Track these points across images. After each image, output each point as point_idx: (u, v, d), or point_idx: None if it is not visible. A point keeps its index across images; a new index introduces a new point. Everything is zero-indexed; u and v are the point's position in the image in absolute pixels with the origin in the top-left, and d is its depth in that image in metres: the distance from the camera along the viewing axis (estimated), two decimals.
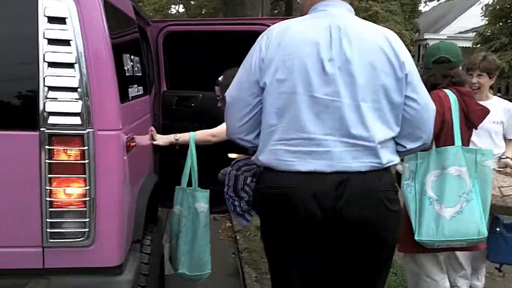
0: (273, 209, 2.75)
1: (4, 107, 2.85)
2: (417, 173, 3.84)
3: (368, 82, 2.65)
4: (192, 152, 4.16)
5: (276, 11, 27.86)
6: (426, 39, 39.50)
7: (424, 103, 2.80)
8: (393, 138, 2.78)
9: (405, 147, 2.85)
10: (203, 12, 36.22)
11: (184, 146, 4.31)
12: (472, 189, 3.77)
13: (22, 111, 2.85)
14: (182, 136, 4.22)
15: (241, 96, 2.80)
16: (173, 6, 39.49)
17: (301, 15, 2.99)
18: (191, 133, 4.19)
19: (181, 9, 39.47)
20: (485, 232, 3.75)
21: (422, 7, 46.43)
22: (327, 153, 2.64)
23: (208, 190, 4.19)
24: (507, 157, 4.62)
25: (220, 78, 4.42)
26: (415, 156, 3.77)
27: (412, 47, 39.46)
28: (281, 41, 2.69)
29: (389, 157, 2.75)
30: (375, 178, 2.69)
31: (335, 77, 2.63)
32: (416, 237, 3.75)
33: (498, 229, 4.40)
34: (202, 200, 4.18)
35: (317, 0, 2.86)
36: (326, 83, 2.63)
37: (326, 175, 2.64)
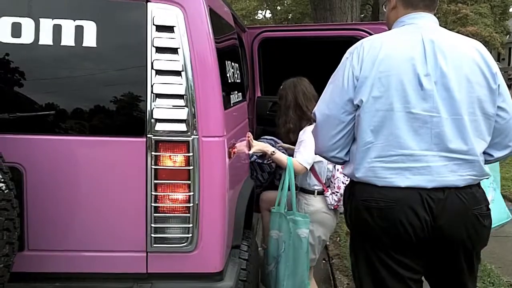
0: (369, 220, 2.71)
1: (112, 114, 2.93)
2: None
3: (464, 95, 2.62)
4: (290, 176, 4.15)
5: (363, 15, 27.66)
6: None
7: None
8: None
9: (492, 156, 2.83)
10: (289, 17, 36.36)
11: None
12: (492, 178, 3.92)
13: (130, 118, 2.92)
14: (279, 154, 4.23)
15: (334, 114, 2.76)
16: (259, 11, 39.81)
17: (387, 27, 2.98)
18: (289, 159, 4.19)
19: (267, 14, 39.74)
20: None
21: None
22: (427, 168, 2.62)
23: (309, 217, 4.20)
24: None
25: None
26: None
27: (502, 50, 38.38)
28: (376, 58, 2.65)
29: (486, 170, 2.74)
30: (471, 195, 2.68)
31: (432, 93, 2.60)
32: None
33: None
34: (304, 226, 4.15)
35: (403, 13, 2.83)
36: (423, 99, 2.60)
37: (425, 191, 2.62)
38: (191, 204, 2.88)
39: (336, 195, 4.18)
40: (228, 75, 3.47)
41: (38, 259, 2.95)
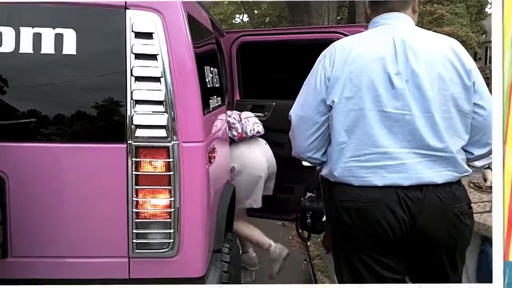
0: (348, 221, 2.74)
1: (93, 120, 2.93)
2: None
3: (437, 93, 2.64)
4: None
5: (339, 18, 27.70)
6: None
7: (491, 109, 2.75)
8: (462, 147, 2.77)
9: (473, 154, 2.84)
10: (266, 21, 36.34)
11: None
12: None
13: (110, 124, 2.92)
14: None
15: (308, 115, 2.81)
16: (237, 15, 39.73)
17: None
18: None
19: (245, 18, 39.69)
20: None
21: (489, 9, 45.38)
22: (401, 166, 2.64)
23: None
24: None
25: None
26: None
27: (479, 49, 38.67)
28: (347, 59, 2.68)
29: (464, 167, 2.75)
30: (450, 193, 2.68)
31: (403, 91, 2.62)
32: None
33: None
34: None
35: (377, 14, 2.87)
36: (395, 97, 2.63)
37: (402, 189, 2.64)
38: (172, 210, 2.89)
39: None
40: (207, 80, 3.48)
41: (21, 266, 2.95)
